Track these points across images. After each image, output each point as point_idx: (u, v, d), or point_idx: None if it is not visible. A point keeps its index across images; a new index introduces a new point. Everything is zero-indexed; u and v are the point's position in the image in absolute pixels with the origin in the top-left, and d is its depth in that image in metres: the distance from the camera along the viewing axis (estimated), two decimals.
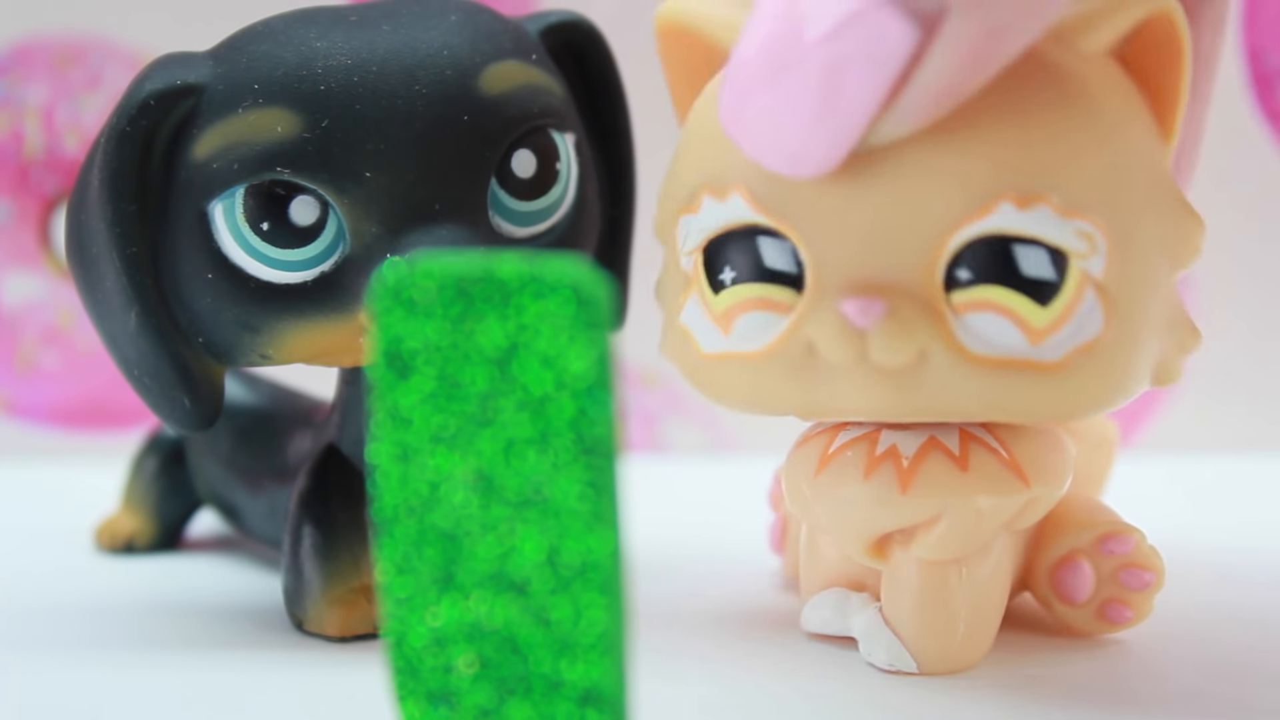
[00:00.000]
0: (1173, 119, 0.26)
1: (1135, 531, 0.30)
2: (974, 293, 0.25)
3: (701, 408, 0.59)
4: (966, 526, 0.27)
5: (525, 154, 0.30)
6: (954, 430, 0.28)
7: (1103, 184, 0.25)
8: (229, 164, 0.29)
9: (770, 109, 0.25)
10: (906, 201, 0.25)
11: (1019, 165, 0.25)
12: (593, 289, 0.20)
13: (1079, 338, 0.25)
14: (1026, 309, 0.25)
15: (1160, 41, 0.26)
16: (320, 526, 0.32)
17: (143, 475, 0.41)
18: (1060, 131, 0.25)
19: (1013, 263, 0.25)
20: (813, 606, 0.30)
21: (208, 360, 0.31)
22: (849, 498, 0.28)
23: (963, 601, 0.28)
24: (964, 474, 0.27)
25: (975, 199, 0.25)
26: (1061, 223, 0.25)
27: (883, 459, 0.28)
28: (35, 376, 0.59)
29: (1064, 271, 0.25)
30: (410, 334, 0.20)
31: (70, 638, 0.33)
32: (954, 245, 0.25)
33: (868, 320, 0.25)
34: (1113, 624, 0.30)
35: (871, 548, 0.28)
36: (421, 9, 0.31)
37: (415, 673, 0.21)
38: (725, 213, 0.27)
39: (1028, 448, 0.28)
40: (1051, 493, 0.28)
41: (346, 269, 0.29)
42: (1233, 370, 0.57)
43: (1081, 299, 0.25)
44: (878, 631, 0.29)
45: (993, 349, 0.25)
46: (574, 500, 0.20)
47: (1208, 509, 0.46)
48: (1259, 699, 0.28)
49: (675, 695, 0.28)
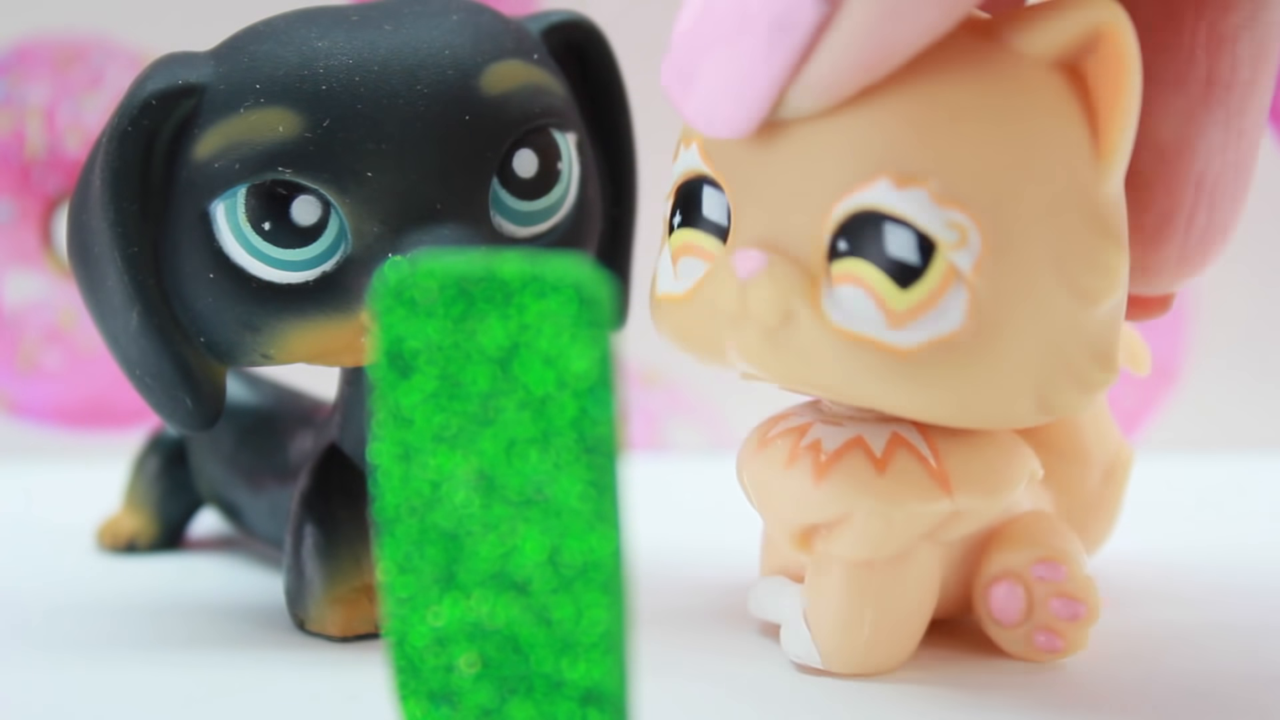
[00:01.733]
0: (1112, 137, 0.26)
1: (1072, 559, 0.29)
2: (846, 264, 0.25)
3: (703, 408, 0.59)
4: (877, 528, 0.27)
5: (527, 154, 0.30)
6: (885, 432, 0.28)
7: (990, 182, 0.25)
8: (230, 164, 0.29)
9: (698, 72, 0.26)
10: (805, 168, 0.26)
11: (905, 145, 0.25)
12: (594, 288, 0.20)
13: (936, 330, 0.25)
14: (887, 289, 0.25)
15: (1106, 57, 0.25)
16: (322, 526, 0.32)
17: (144, 475, 0.41)
18: (957, 119, 0.25)
19: (881, 240, 0.25)
20: (756, 590, 0.31)
21: (209, 360, 0.31)
22: (770, 484, 0.29)
23: (877, 604, 0.28)
24: (879, 476, 0.27)
25: (858, 171, 0.25)
26: (935, 210, 0.25)
27: (806, 451, 0.28)
28: (37, 376, 0.59)
29: (929, 259, 0.25)
30: (412, 333, 0.20)
31: (71, 637, 0.33)
32: (839, 214, 0.25)
33: (745, 273, 0.26)
34: (1042, 651, 0.29)
35: (796, 538, 0.29)
36: (423, 9, 0.31)
37: (417, 672, 0.21)
38: (687, 160, 0.28)
39: (964, 458, 0.28)
40: (981, 505, 0.28)
41: (348, 269, 0.29)
42: (1233, 370, 0.57)
43: (945, 291, 0.25)
44: (793, 622, 0.29)
45: (852, 323, 0.25)
46: (575, 500, 0.20)
47: (1208, 509, 0.46)
48: (1263, 700, 0.28)
49: (677, 695, 0.28)
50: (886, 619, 0.28)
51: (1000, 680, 0.29)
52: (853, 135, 0.25)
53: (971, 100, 0.25)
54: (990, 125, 0.25)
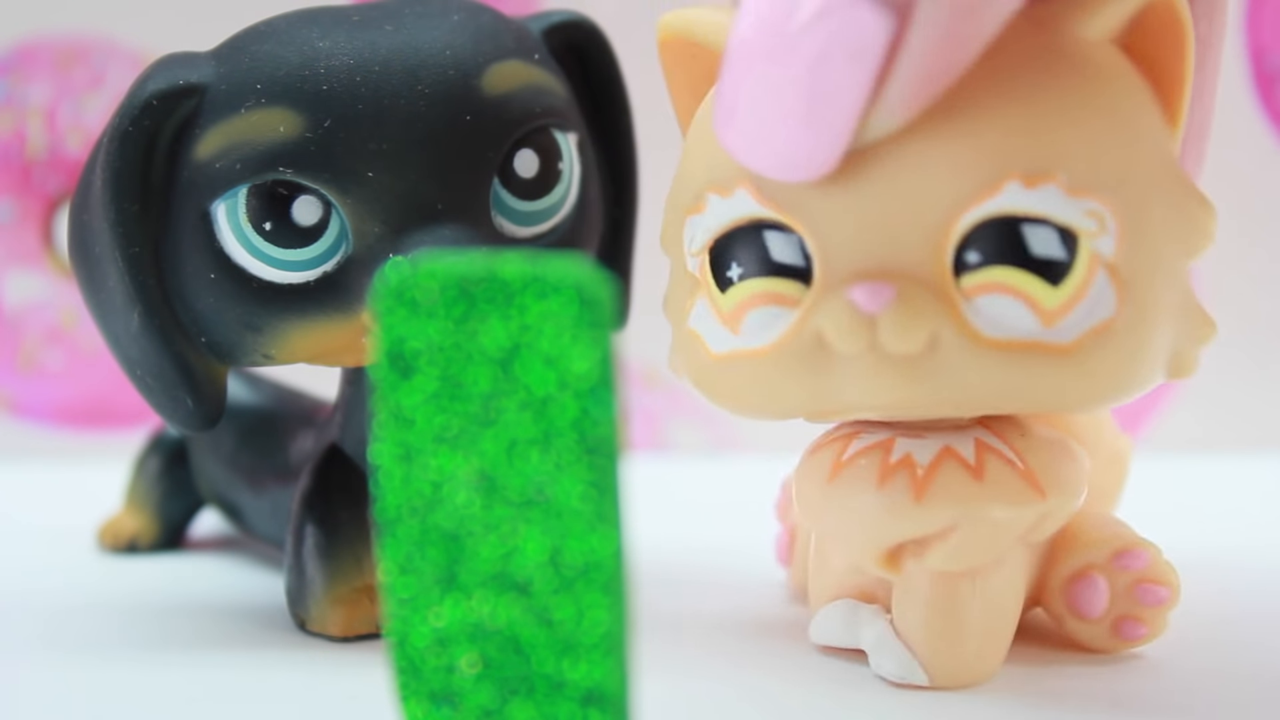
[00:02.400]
0: (1178, 105, 0.26)
1: (1151, 547, 0.30)
2: (984, 275, 0.25)
3: (704, 408, 0.59)
4: (981, 537, 0.27)
5: (528, 154, 0.30)
6: (969, 440, 0.28)
7: (1110, 164, 0.25)
8: (231, 164, 0.29)
9: (757, 114, 0.25)
10: (911, 187, 0.25)
11: (1024, 145, 0.25)
12: (595, 289, 0.20)
13: (1092, 319, 0.25)
14: (1037, 289, 0.25)
15: (1162, 27, 0.26)
16: (323, 526, 0.32)
17: (145, 475, 0.42)
18: (1064, 111, 0.25)
19: (1022, 243, 0.25)
20: (821, 618, 0.30)
21: (210, 360, 0.31)
22: (862, 506, 0.27)
23: (975, 614, 0.28)
24: (980, 484, 0.27)
25: (981, 180, 0.25)
26: (1070, 202, 0.25)
27: (897, 467, 0.27)
28: (38, 376, 0.59)
29: (1074, 251, 0.25)
30: (413, 334, 0.20)
31: (73, 637, 0.33)
32: (962, 228, 0.25)
33: (877, 306, 0.25)
34: (1127, 640, 0.30)
35: (884, 558, 0.28)
36: (424, 9, 0.31)
37: (418, 673, 0.21)
38: (731, 209, 0.27)
39: (1042, 459, 0.28)
40: (1066, 505, 0.28)
41: (349, 269, 0.29)
42: (1233, 370, 0.57)
43: (1093, 280, 0.25)
44: (888, 643, 0.28)
45: (1005, 331, 0.25)
46: (576, 500, 0.20)
47: (1208, 509, 0.46)
48: (1265, 702, 0.28)
49: (678, 695, 0.28)
50: (987, 625, 0.28)
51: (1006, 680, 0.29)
52: (963, 145, 0.25)
53: (1066, 90, 0.25)
54: (1093, 110, 0.25)
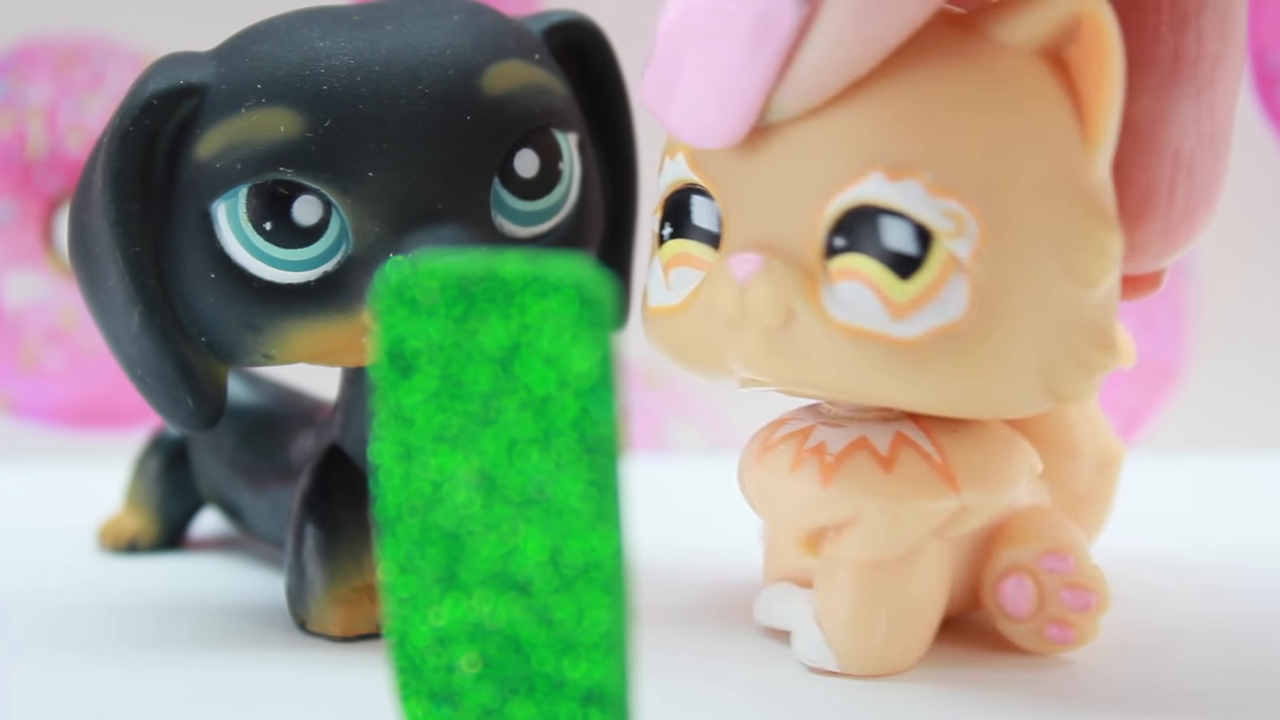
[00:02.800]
0: (1098, 121, 0.26)
1: (1079, 550, 0.30)
2: (845, 260, 0.26)
3: (704, 408, 0.59)
4: (886, 527, 0.28)
5: (528, 154, 0.30)
6: (888, 431, 0.28)
7: (983, 168, 0.25)
8: (232, 164, 0.29)
9: (680, 83, 0.26)
10: (796, 167, 0.26)
11: (895, 138, 0.25)
12: (596, 288, 0.20)
13: (939, 319, 0.25)
14: (888, 282, 0.25)
15: (1086, 42, 0.26)
16: (323, 526, 0.32)
17: (146, 475, 0.41)
18: (944, 109, 0.25)
19: (878, 233, 0.25)
20: (762, 599, 0.31)
21: (210, 360, 0.31)
22: (776, 489, 0.29)
23: (889, 603, 0.28)
24: (887, 475, 0.27)
25: (849, 167, 0.25)
26: (930, 200, 0.25)
27: (810, 453, 0.28)
28: (38, 376, 0.59)
29: (928, 249, 0.25)
30: (413, 333, 0.20)
31: (73, 637, 0.33)
32: (833, 211, 0.26)
33: (743, 275, 0.26)
34: (1054, 643, 0.29)
35: (804, 542, 0.28)
36: (424, 9, 0.31)
37: (418, 672, 0.21)
38: (673, 171, 0.28)
39: (967, 454, 0.28)
40: (987, 500, 0.28)
41: (349, 269, 0.29)
42: (1233, 370, 0.57)
43: (945, 280, 0.25)
44: (805, 626, 0.29)
45: (854, 317, 0.26)
46: (577, 500, 0.20)
47: (1208, 509, 0.46)
48: (1264, 699, 0.28)
49: (678, 695, 0.28)
50: (900, 618, 0.28)
51: (1006, 676, 0.29)
52: (841, 132, 0.25)
53: (958, 91, 0.25)
54: (978, 114, 0.25)
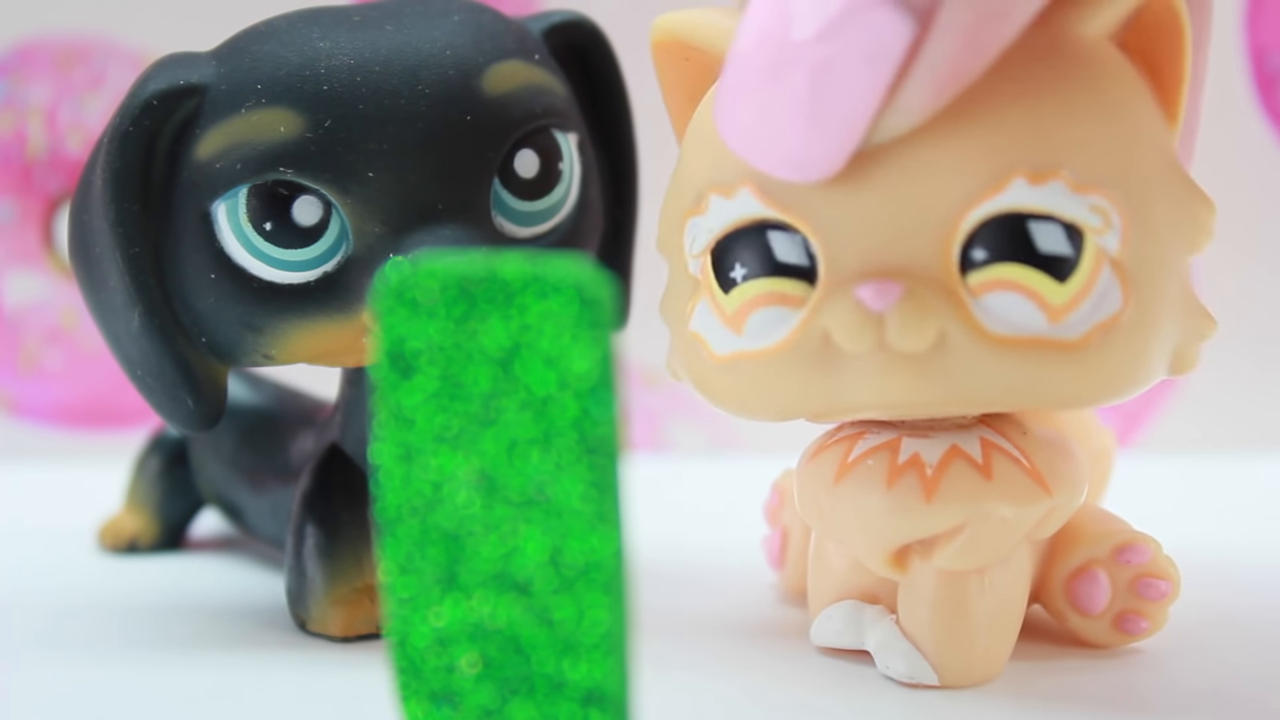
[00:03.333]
0: (1176, 102, 0.26)
1: (1151, 541, 0.30)
2: (991, 272, 0.25)
3: (704, 408, 0.59)
4: (991, 535, 0.27)
5: (528, 154, 0.30)
6: (975, 439, 0.28)
7: (1114, 160, 0.25)
8: (232, 164, 0.29)
9: (766, 114, 0.24)
10: (917, 186, 0.25)
11: (1029, 142, 0.25)
12: (596, 289, 0.20)
13: (1098, 315, 0.25)
14: (1045, 286, 0.25)
15: (1160, 25, 0.26)
16: (323, 526, 0.32)
17: (146, 475, 0.42)
18: (1068, 108, 0.25)
19: (1028, 239, 0.25)
20: (824, 620, 0.30)
21: (211, 360, 0.31)
22: (871, 507, 0.27)
23: (982, 612, 0.28)
24: (988, 482, 0.27)
25: (987, 177, 0.25)
26: (1075, 198, 0.25)
27: (906, 467, 0.27)
28: (38, 376, 0.59)
29: (1080, 247, 0.25)
30: (413, 334, 0.20)
31: (73, 638, 0.33)
32: (968, 225, 0.25)
33: (884, 304, 0.25)
34: (1128, 635, 0.30)
35: (891, 558, 0.28)
36: (424, 9, 0.31)
37: (418, 673, 0.21)
38: (734, 209, 0.27)
39: (1045, 456, 0.28)
40: (1070, 501, 0.28)
41: (349, 269, 0.29)
42: (1233, 370, 0.57)
43: (1099, 275, 0.25)
44: (895, 643, 0.28)
45: (1013, 328, 0.25)
46: (577, 500, 0.20)
47: (1208, 509, 0.46)
48: (1269, 701, 0.28)
49: (678, 695, 0.28)
50: (994, 624, 0.28)
51: (1010, 672, 0.29)
52: (968, 143, 0.25)
53: (1069, 87, 0.25)
54: (1095, 107, 0.25)
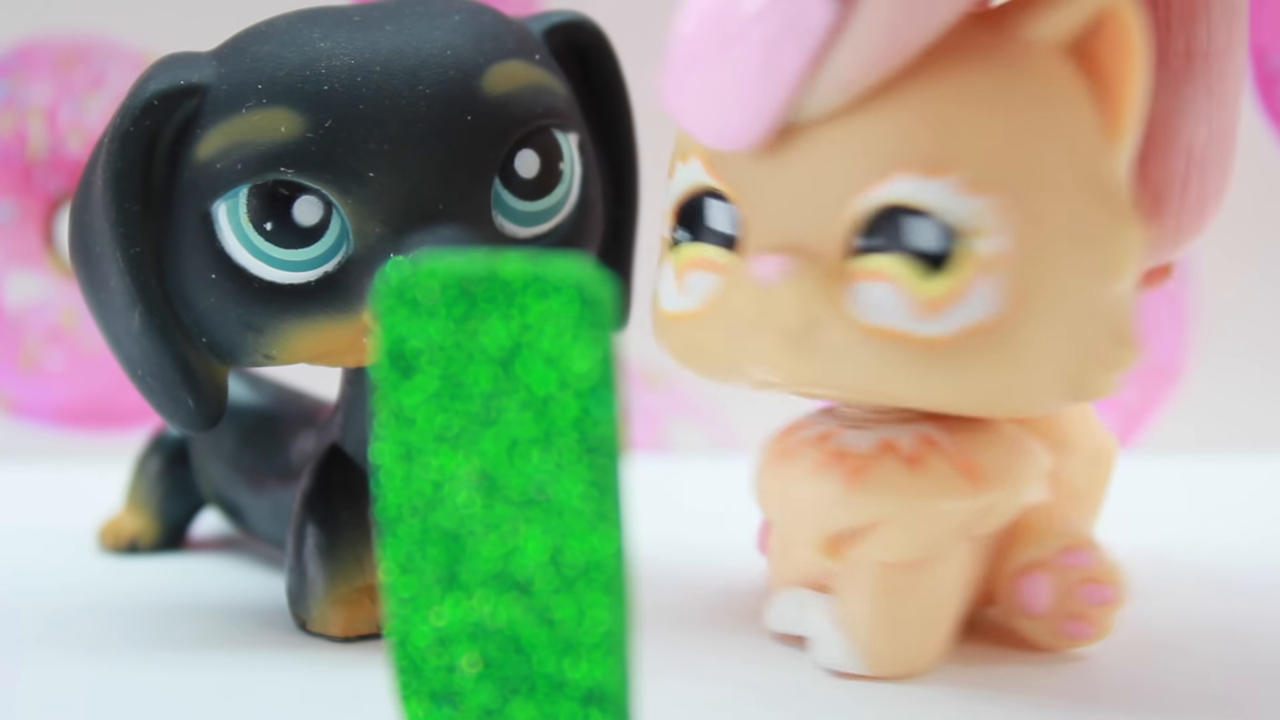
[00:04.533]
0: (1120, 117, 0.26)
1: (1096, 546, 0.30)
2: (869, 261, 0.25)
3: (704, 408, 0.59)
4: (915, 528, 0.27)
5: (529, 154, 0.30)
6: (910, 432, 0.28)
7: (1015, 166, 0.25)
8: (232, 164, 0.29)
9: (702, 85, 0.26)
10: (820, 168, 0.26)
11: (925, 137, 0.25)
12: (596, 289, 0.20)
13: (970, 316, 0.25)
14: (915, 281, 0.25)
15: (1112, 38, 0.26)
16: (324, 526, 0.32)
17: (146, 475, 0.42)
18: (979, 110, 0.25)
19: (903, 233, 0.25)
20: (776, 606, 0.30)
21: (211, 360, 0.31)
22: (801, 494, 0.28)
23: (914, 605, 0.28)
24: (914, 475, 0.27)
25: (878, 167, 0.25)
26: (961, 199, 0.25)
27: (835, 456, 0.28)
28: (38, 376, 0.59)
29: (957, 247, 0.25)
30: (414, 334, 0.20)
31: (73, 638, 0.33)
32: (857, 212, 0.25)
33: (766, 277, 0.26)
34: (1072, 639, 0.30)
35: (826, 546, 0.28)
36: (425, 9, 0.31)
37: (419, 672, 0.21)
38: (688, 176, 0.28)
39: (987, 453, 0.28)
40: (1009, 499, 0.28)
41: (350, 269, 0.29)
42: (1233, 370, 0.57)
43: (975, 278, 0.25)
44: (828, 631, 0.29)
45: (879, 318, 0.25)
46: (577, 500, 0.20)
47: (1209, 508, 0.46)
48: (1264, 697, 0.28)
49: (678, 695, 0.28)
50: (925, 618, 0.28)
51: (1009, 672, 0.29)
52: (870, 132, 0.25)
53: (988, 90, 0.25)
54: (1008, 113, 0.25)
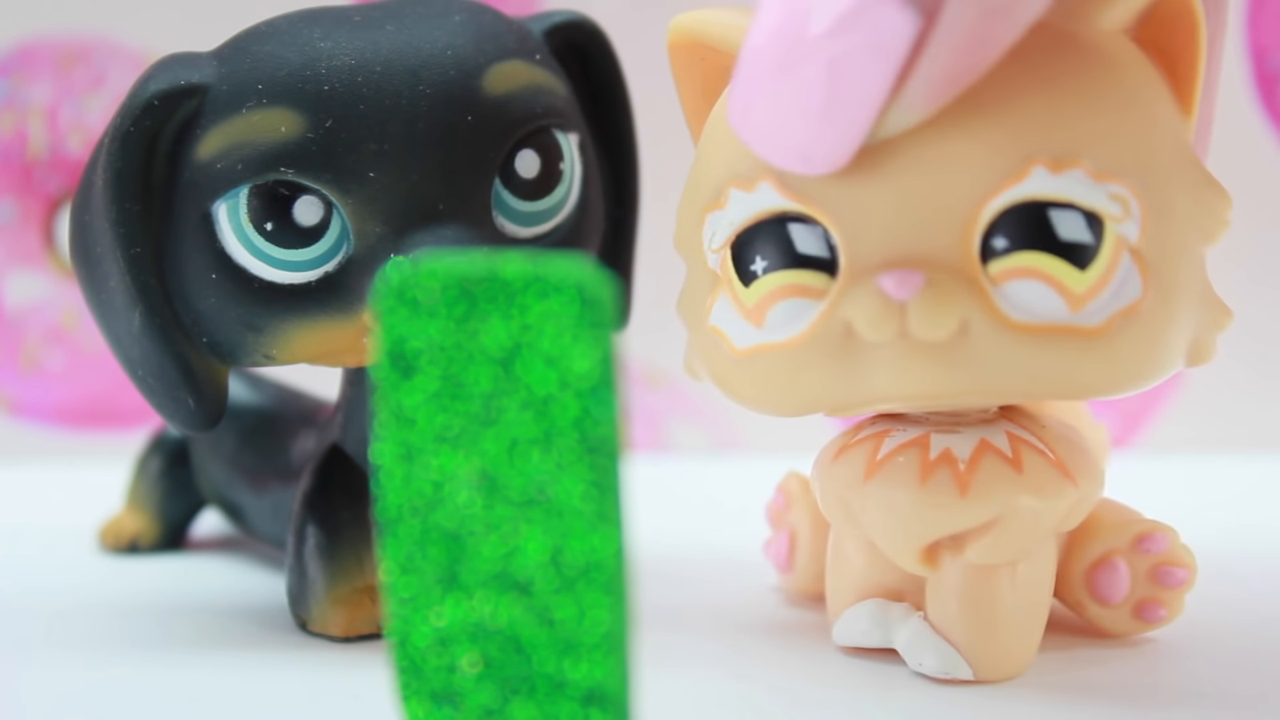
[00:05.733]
0: (1191, 95, 0.27)
1: (1170, 530, 0.30)
2: (1012, 260, 0.25)
3: (704, 408, 0.59)
4: (1022, 529, 0.27)
5: (529, 154, 0.30)
6: (1001, 432, 0.28)
7: (1133, 150, 0.25)
8: (233, 164, 0.29)
9: (777, 107, 0.25)
10: (937, 176, 0.25)
11: (1049, 131, 0.25)
12: (596, 289, 0.20)
13: (1119, 302, 0.25)
14: (1065, 273, 0.25)
15: (1174, 19, 0.26)
16: (324, 526, 0.32)
17: (147, 475, 0.42)
18: (1086, 99, 0.25)
19: (1049, 227, 0.25)
20: (848, 619, 0.30)
21: (211, 360, 0.31)
22: (904, 503, 0.27)
23: (1012, 606, 0.28)
24: (1019, 475, 0.27)
25: (1007, 166, 0.25)
26: (1095, 186, 0.25)
27: (938, 463, 0.27)
28: (39, 376, 0.59)
29: (1100, 235, 0.25)
30: (414, 334, 0.20)
31: (74, 638, 0.33)
32: (988, 214, 0.25)
33: (906, 293, 0.25)
34: (1147, 623, 0.30)
35: (923, 555, 0.28)
36: (425, 9, 0.31)
37: (419, 672, 0.21)
38: (754, 203, 0.27)
39: (1066, 449, 0.28)
40: (1094, 492, 0.28)
41: (350, 269, 0.29)
42: (1233, 370, 0.57)
43: (1119, 263, 0.25)
44: (927, 639, 0.28)
45: (1034, 316, 0.25)
46: (578, 500, 0.20)
47: (1207, 509, 0.46)
48: (1263, 696, 0.28)
49: (679, 695, 0.28)
50: (1023, 616, 0.28)
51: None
52: (988, 133, 0.25)
53: (1087, 80, 0.25)
54: (1113, 98, 0.25)
